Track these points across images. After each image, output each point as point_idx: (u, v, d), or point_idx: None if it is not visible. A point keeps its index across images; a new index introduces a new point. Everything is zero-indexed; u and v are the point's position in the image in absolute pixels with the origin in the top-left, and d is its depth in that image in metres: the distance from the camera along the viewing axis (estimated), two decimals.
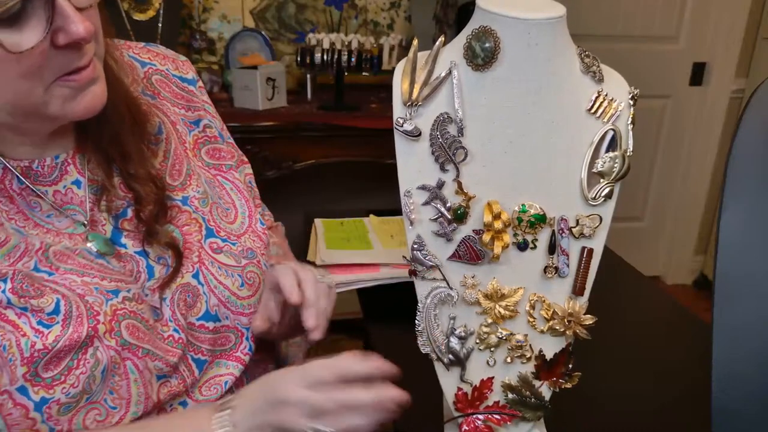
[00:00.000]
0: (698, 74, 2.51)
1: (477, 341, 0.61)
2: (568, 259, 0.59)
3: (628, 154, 0.58)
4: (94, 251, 0.59)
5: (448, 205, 0.58)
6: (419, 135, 0.57)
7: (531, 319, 0.60)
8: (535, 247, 0.59)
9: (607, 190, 0.58)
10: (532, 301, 0.60)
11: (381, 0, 2.20)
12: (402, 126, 0.57)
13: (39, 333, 0.52)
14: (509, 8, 0.54)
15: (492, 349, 0.61)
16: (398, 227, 1.18)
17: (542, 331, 0.61)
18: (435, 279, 0.60)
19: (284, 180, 1.85)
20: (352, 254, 1.07)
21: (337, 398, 0.54)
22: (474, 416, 0.63)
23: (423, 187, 0.58)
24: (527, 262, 0.60)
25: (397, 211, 0.59)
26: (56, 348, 0.52)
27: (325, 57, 1.86)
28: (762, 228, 0.50)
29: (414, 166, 0.58)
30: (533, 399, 0.62)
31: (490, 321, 0.60)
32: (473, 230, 0.58)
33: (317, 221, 1.21)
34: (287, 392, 0.55)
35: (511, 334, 0.61)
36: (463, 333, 0.61)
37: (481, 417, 0.63)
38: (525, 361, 0.61)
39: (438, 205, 0.58)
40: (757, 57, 2.46)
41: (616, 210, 0.59)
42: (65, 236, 0.58)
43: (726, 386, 0.51)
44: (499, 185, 0.58)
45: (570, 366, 0.62)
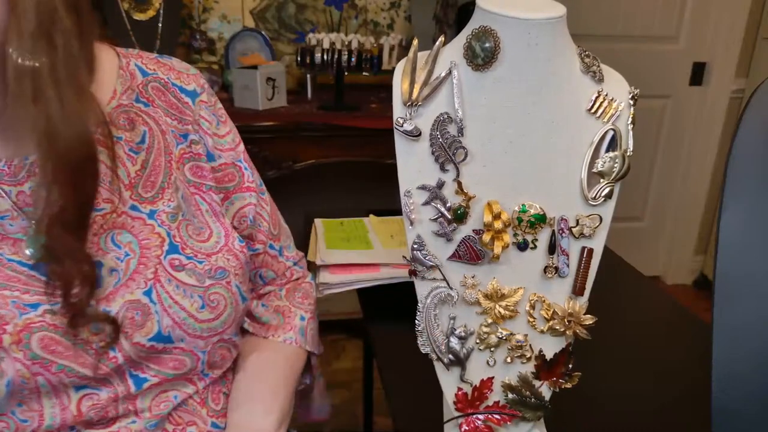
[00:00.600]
0: (698, 74, 2.52)
1: (477, 341, 0.61)
2: (568, 259, 0.59)
3: (628, 154, 0.58)
4: (27, 260, 0.57)
5: (448, 205, 0.58)
6: (419, 135, 0.57)
7: (531, 319, 0.60)
8: (535, 247, 0.59)
9: (607, 190, 0.58)
10: (532, 301, 0.60)
11: (381, 0, 2.20)
12: (402, 126, 0.57)
13: None
14: (509, 8, 0.54)
15: (492, 349, 0.61)
16: (398, 227, 1.18)
17: (542, 331, 0.61)
18: (435, 279, 0.60)
19: (284, 180, 1.85)
20: (352, 254, 1.07)
21: None
22: (474, 416, 0.63)
23: (423, 187, 0.58)
24: (527, 262, 0.60)
25: (397, 211, 0.59)
26: None
27: (325, 57, 1.86)
28: (762, 228, 0.50)
29: (414, 166, 0.58)
30: (533, 399, 0.62)
31: (490, 321, 0.60)
32: (473, 230, 0.58)
33: (317, 221, 1.21)
34: None
35: (511, 334, 0.61)
36: (463, 333, 0.61)
37: (481, 417, 0.63)
38: (525, 361, 0.61)
39: (438, 205, 0.58)
40: (757, 57, 2.46)
41: (616, 210, 0.59)
42: (8, 242, 0.57)
43: (726, 386, 0.51)
44: (499, 185, 0.58)
45: (570, 366, 0.62)
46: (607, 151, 0.58)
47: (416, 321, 0.61)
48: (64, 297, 0.55)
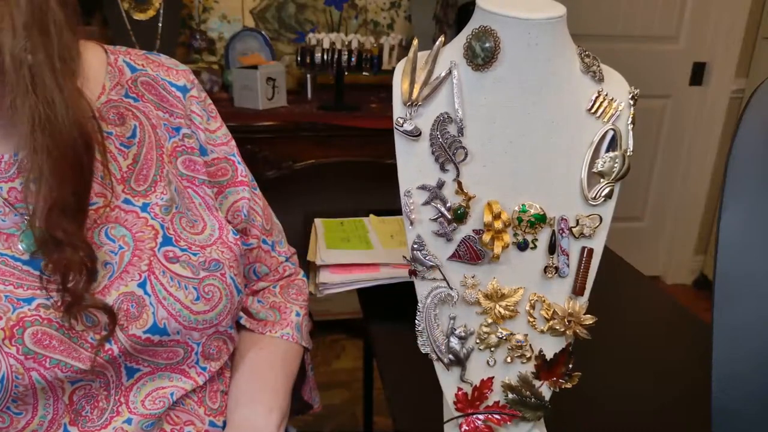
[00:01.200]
0: (698, 74, 2.52)
1: (477, 341, 0.61)
2: (568, 259, 0.59)
3: (628, 154, 0.58)
4: (21, 255, 0.57)
5: (448, 205, 0.58)
6: (419, 135, 0.57)
7: (531, 319, 0.60)
8: (535, 247, 0.59)
9: (607, 190, 0.58)
10: (532, 301, 0.60)
11: (381, 0, 2.20)
12: (402, 126, 0.57)
13: None
14: (509, 8, 0.54)
15: (492, 349, 0.61)
16: (398, 227, 1.18)
17: (542, 331, 0.61)
18: (435, 279, 0.60)
19: (284, 180, 1.85)
20: (352, 254, 1.07)
21: None
22: (474, 416, 0.63)
23: (423, 187, 0.58)
24: (527, 262, 0.59)
25: (397, 211, 0.59)
26: None
27: (325, 57, 1.86)
28: (762, 228, 0.50)
29: (414, 166, 0.58)
30: (533, 399, 0.62)
31: (490, 321, 0.60)
32: (473, 230, 0.58)
33: (317, 221, 1.21)
34: None
35: (511, 334, 0.61)
36: (463, 333, 0.61)
37: (481, 417, 0.63)
38: (525, 361, 0.61)
39: (438, 205, 0.58)
40: (757, 57, 2.46)
41: (616, 210, 0.59)
42: (1, 237, 0.57)
43: (726, 386, 0.51)
44: (499, 185, 0.58)
45: (570, 366, 0.62)
46: (607, 151, 0.58)
47: (416, 321, 0.61)
48: (63, 284, 0.56)
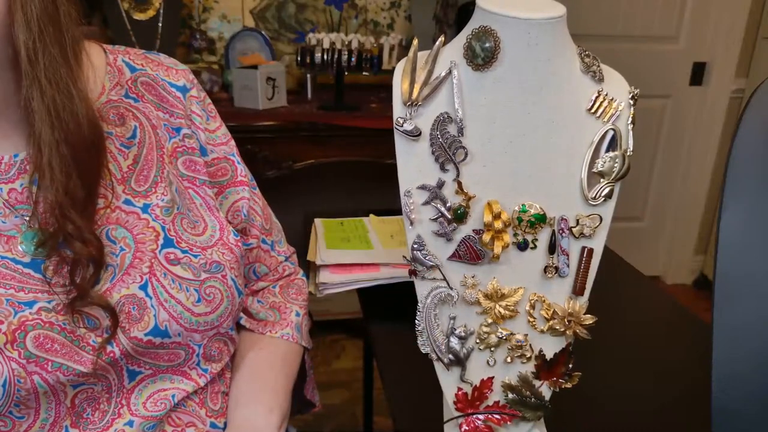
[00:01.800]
0: (698, 74, 2.52)
1: (477, 341, 0.61)
2: (568, 259, 0.59)
3: (628, 154, 0.58)
4: (21, 257, 0.57)
5: (448, 205, 0.58)
6: (419, 135, 0.57)
7: (531, 319, 0.60)
8: (535, 247, 0.59)
9: (607, 190, 0.58)
10: (532, 301, 0.60)
11: (381, 0, 2.20)
12: (402, 126, 0.57)
13: None
14: (509, 8, 0.54)
15: (492, 349, 0.61)
16: (398, 227, 1.18)
17: (542, 331, 0.61)
18: (435, 279, 0.60)
19: (284, 180, 1.85)
20: (352, 254, 1.07)
21: None
22: (474, 416, 0.63)
23: (423, 187, 0.58)
24: (527, 262, 0.59)
25: (397, 211, 0.59)
26: None
27: (325, 57, 1.86)
28: (762, 228, 0.50)
29: (414, 166, 0.58)
30: (533, 399, 0.62)
31: (490, 321, 0.60)
32: (473, 230, 0.58)
33: (317, 221, 1.21)
34: None
35: (511, 334, 0.60)
36: (463, 333, 0.61)
37: (481, 417, 0.63)
38: (525, 361, 0.61)
39: (438, 205, 0.58)
40: (757, 57, 2.46)
41: (616, 210, 0.59)
42: (2, 239, 0.57)
43: (726, 386, 0.51)
44: (499, 185, 0.58)
45: (570, 366, 0.62)
46: (607, 151, 0.58)
47: (416, 321, 0.61)
48: (71, 278, 0.56)
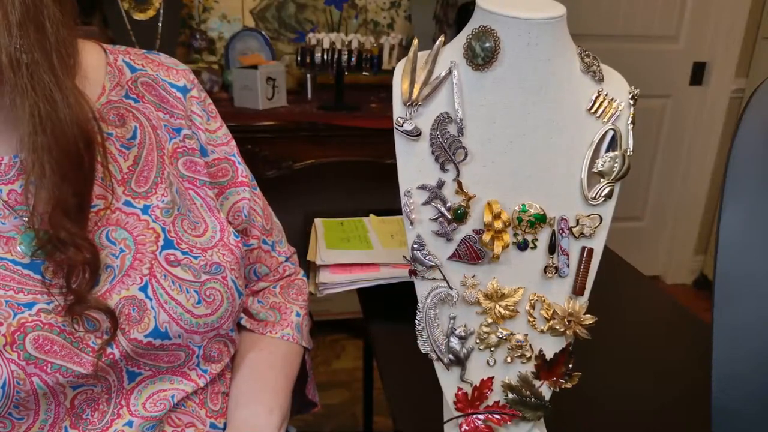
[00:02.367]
0: (698, 74, 2.52)
1: (477, 341, 0.61)
2: (568, 259, 0.59)
3: (628, 154, 0.58)
4: (21, 258, 0.57)
5: (448, 205, 0.58)
6: (419, 135, 0.57)
7: (531, 319, 0.60)
8: (535, 247, 0.59)
9: (607, 190, 0.58)
10: (532, 301, 0.60)
11: (381, 0, 2.20)
12: (402, 126, 0.57)
13: None
14: (509, 8, 0.54)
15: (492, 349, 0.61)
16: (398, 227, 1.18)
17: (542, 331, 0.61)
18: (435, 279, 0.60)
19: (284, 180, 1.85)
20: (352, 254, 1.07)
21: None
22: (474, 416, 0.63)
23: (423, 187, 0.58)
24: (527, 262, 0.59)
25: (397, 211, 0.59)
26: None
27: (325, 57, 1.86)
28: (762, 228, 0.50)
29: (414, 166, 0.58)
30: (533, 399, 0.62)
31: (490, 321, 0.60)
32: (473, 230, 0.58)
33: (317, 221, 1.21)
34: None
35: (511, 334, 0.60)
36: (463, 333, 0.61)
37: (481, 417, 0.63)
38: (525, 361, 0.61)
39: (438, 205, 0.58)
40: (757, 57, 2.46)
41: (616, 210, 0.59)
42: (1, 240, 0.57)
43: (726, 386, 0.51)
44: (499, 185, 0.58)
45: (570, 366, 0.62)
46: (607, 151, 0.58)
47: (416, 321, 0.61)
48: (67, 284, 0.55)
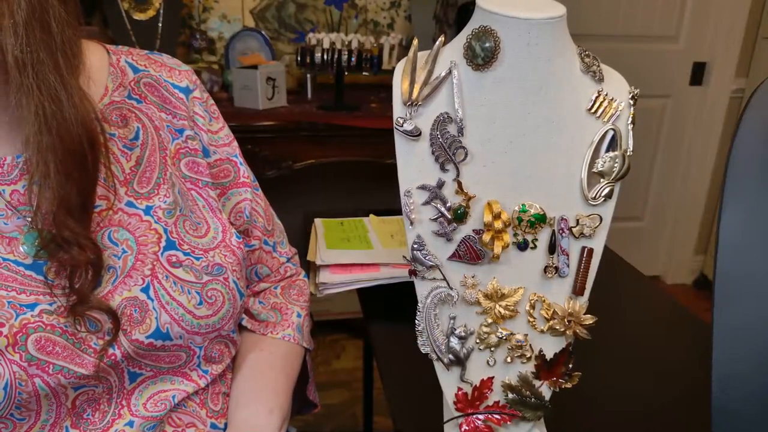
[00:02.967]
0: (698, 74, 2.52)
1: (477, 341, 0.61)
2: (568, 259, 0.59)
3: (628, 154, 0.58)
4: (23, 259, 0.57)
5: (448, 205, 0.58)
6: (419, 135, 0.57)
7: (531, 319, 0.60)
8: (535, 247, 0.59)
9: (607, 190, 0.58)
10: (532, 301, 0.60)
11: (381, 0, 2.20)
12: (402, 126, 0.57)
13: None
14: (509, 8, 0.54)
15: (492, 349, 0.61)
16: (398, 227, 1.18)
17: (542, 331, 0.61)
18: (435, 279, 0.60)
19: (284, 180, 1.85)
20: (352, 254, 1.07)
21: None
22: (474, 416, 0.63)
23: (423, 187, 0.58)
24: (527, 262, 0.59)
25: (397, 211, 0.59)
26: None
27: (325, 57, 1.86)
28: (762, 228, 0.50)
29: (414, 166, 0.58)
30: (533, 399, 0.62)
31: (490, 321, 0.60)
32: (473, 230, 0.58)
33: (317, 221, 1.21)
34: None
35: (511, 334, 0.61)
36: (463, 333, 0.61)
37: (481, 417, 0.63)
38: (525, 361, 0.61)
39: (438, 205, 0.58)
40: (757, 57, 2.46)
41: (616, 210, 0.59)
42: (4, 241, 0.57)
43: (726, 386, 0.51)
44: (499, 185, 0.58)
45: (570, 366, 0.62)
46: (607, 151, 0.58)
47: (416, 321, 0.61)
48: (70, 284, 0.56)
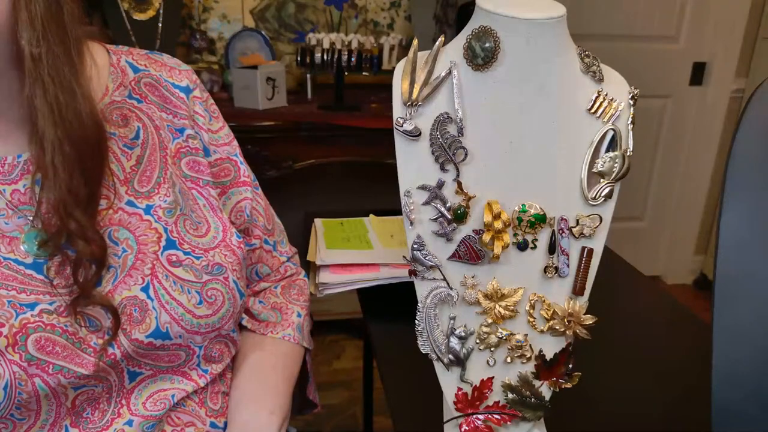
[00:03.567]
0: (698, 74, 2.52)
1: (477, 341, 0.61)
2: (568, 259, 0.59)
3: (628, 154, 0.58)
4: (24, 258, 0.57)
5: (448, 205, 0.58)
6: (419, 135, 0.57)
7: (531, 319, 0.60)
8: (535, 247, 0.59)
9: (607, 190, 0.58)
10: (532, 301, 0.60)
11: (381, 0, 2.20)
12: (402, 126, 0.57)
13: None
14: (509, 8, 0.54)
15: (492, 349, 0.61)
16: (398, 227, 1.18)
17: (542, 331, 0.61)
18: (435, 279, 0.60)
19: (284, 180, 1.85)
20: (352, 254, 1.07)
21: None
22: (474, 416, 0.63)
23: (423, 187, 0.58)
24: (527, 262, 0.59)
25: (397, 211, 0.59)
26: None
27: (325, 57, 1.86)
28: (762, 228, 0.50)
29: (414, 166, 0.58)
30: (533, 399, 0.62)
31: (490, 321, 0.60)
32: (473, 230, 0.58)
33: (317, 221, 1.21)
34: None
35: (511, 334, 0.61)
36: (463, 333, 0.61)
37: (481, 417, 0.63)
38: (525, 361, 0.61)
39: (438, 205, 0.58)
40: (757, 57, 2.46)
41: (616, 210, 0.59)
42: (4, 240, 0.57)
43: (726, 386, 0.51)
44: (499, 185, 0.58)
45: (570, 366, 0.62)
46: (607, 151, 0.58)
47: (416, 321, 0.61)
48: (74, 277, 0.56)
